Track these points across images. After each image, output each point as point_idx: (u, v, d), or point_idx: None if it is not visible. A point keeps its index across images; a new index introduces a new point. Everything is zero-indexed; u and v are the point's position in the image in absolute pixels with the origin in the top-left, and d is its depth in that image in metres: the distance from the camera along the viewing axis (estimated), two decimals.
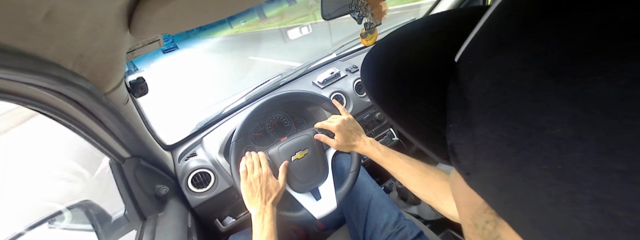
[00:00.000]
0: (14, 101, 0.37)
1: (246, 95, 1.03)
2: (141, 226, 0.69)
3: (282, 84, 1.07)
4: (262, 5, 3.92)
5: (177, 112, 3.94)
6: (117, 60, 0.46)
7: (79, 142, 0.57)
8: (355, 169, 0.73)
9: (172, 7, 0.34)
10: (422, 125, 0.17)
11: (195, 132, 0.95)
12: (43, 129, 4.54)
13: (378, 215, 0.72)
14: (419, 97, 0.18)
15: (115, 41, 0.40)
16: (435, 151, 0.17)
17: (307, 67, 1.13)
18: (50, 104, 0.43)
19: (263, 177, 0.65)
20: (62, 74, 0.33)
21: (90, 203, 0.69)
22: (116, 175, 0.68)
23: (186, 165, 0.85)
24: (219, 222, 0.87)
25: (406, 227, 0.69)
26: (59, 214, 0.64)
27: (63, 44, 0.31)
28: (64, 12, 0.27)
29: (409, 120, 0.18)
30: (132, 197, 0.70)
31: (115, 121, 0.54)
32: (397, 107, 0.18)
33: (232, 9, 0.47)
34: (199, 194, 0.82)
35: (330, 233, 0.85)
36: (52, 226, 0.64)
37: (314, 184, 0.72)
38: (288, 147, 0.72)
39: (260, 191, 0.63)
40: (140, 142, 0.66)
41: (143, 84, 0.63)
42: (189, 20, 0.44)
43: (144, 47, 0.51)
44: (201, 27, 21.05)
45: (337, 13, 0.69)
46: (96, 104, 0.45)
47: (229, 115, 0.97)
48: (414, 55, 0.19)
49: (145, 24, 0.38)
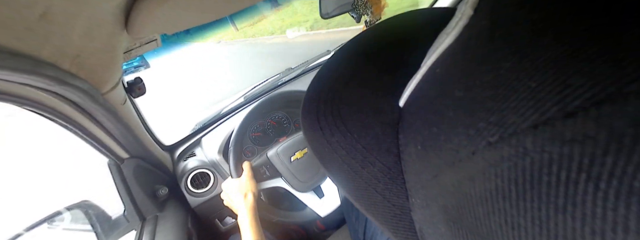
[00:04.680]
0: (10, 102, 0.37)
1: (245, 94, 1.03)
2: (141, 226, 0.69)
3: (281, 84, 1.06)
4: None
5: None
6: (114, 61, 0.46)
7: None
8: None
9: (169, 6, 0.34)
10: (382, 200, 0.14)
11: (193, 133, 0.95)
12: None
13: None
14: (371, 155, 0.14)
15: (112, 41, 0.40)
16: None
17: (306, 66, 1.13)
18: (47, 104, 0.43)
19: (225, 185, 0.68)
20: (58, 74, 0.33)
21: (89, 203, 0.69)
22: (115, 176, 0.68)
23: (185, 165, 0.84)
24: (218, 222, 0.87)
25: None
26: (58, 214, 0.63)
27: (59, 44, 0.31)
28: (60, 12, 0.27)
29: (367, 194, 0.15)
30: (131, 197, 0.70)
31: (113, 122, 0.54)
32: (350, 175, 0.15)
33: (230, 9, 0.46)
34: (199, 195, 0.81)
35: (330, 233, 0.85)
36: (51, 226, 0.64)
37: (316, 182, 0.71)
38: (287, 147, 0.72)
39: (231, 199, 0.65)
40: (138, 143, 0.66)
41: (141, 84, 0.62)
42: (186, 19, 0.43)
43: (141, 47, 0.51)
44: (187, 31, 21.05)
45: (335, 11, 0.69)
46: (93, 104, 0.45)
47: (227, 115, 0.97)
48: (357, 88, 0.16)
49: (142, 23, 0.37)
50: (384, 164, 0.14)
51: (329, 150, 0.16)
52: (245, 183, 0.66)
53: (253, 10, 14.00)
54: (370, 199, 0.15)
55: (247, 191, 0.64)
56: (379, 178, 0.14)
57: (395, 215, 0.14)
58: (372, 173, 0.14)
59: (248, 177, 0.67)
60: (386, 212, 0.14)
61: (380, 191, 0.14)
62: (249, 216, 0.60)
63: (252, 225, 0.59)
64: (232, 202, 0.65)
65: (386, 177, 0.14)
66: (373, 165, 0.14)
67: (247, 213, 0.61)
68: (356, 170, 0.15)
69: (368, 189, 0.15)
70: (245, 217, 0.60)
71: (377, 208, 0.15)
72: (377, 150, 0.14)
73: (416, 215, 0.13)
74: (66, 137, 0.54)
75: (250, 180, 0.67)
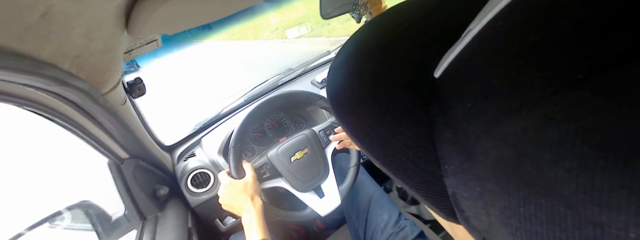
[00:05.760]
0: (11, 102, 0.37)
1: (245, 95, 1.03)
2: (141, 226, 0.69)
3: (280, 84, 1.06)
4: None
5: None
6: (114, 61, 0.46)
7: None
8: (355, 163, 0.74)
9: (170, 7, 0.34)
10: (413, 167, 0.14)
11: (194, 133, 0.95)
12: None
13: (379, 215, 0.72)
14: (400, 125, 0.14)
15: (113, 42, 0.40)
16: (437, 205, 0.14)
17: (306, 67, 1.13)
18: (47, 105, 0.43)
19: (229, 187, 0.65)
20: (58, 74, 0.33)
21: (90, 203, 0.69)
22: (115, 176, 0.68)
23: (185, 165, 0.85)
24: (219, 222, 0.87)
25: (407, 227, 0.69)
26: (58, 214, 0.64)
27: (60, 45, 0.31)
28: (60, 13, 0.27)
29: (397, 161, 0.15)
30: (131, 197, 0.70)
31: (113, 122, 0.54)
32: (378, 142, 0.15)
33: (230, 9, 0.46)
34: (199, 194, 0.82)
35: (330, 233, 0.85)
36: (52, 226, 0.64)
37: (316, 182, 0.72)
38: (287, 148, 0.72)
39: (232, 201, 0.63)
40: (138, 143, 0.66)
41: (140, 85, 0.62)
42: (187, 20, 0.43)
43: (141, 48, 0.51)
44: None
45: (336, 12, 0.69)
46: (94, 104, 0.45)
47: (227, 116, 0.97)
48: (385, 63, 0.16)
49: (142, 24, 0.37)
50: (413, 134, 0.14)
51: (357, 120, 0.16)
52: (252, 185, 0.64)
53: (254, 10, 14.01)
54: (400, 166, 0.15)
55: (253, 193, 0.63)
56: (409, 146, 0.14)
57: (425, 181, 0.14)
58: (402, 141, 0.14)
59: (254, 179, 0.65)
60: (417, 178, 0.14)
61: (411, 158, 0.14)
62: (256, 219, 0.59)
63: (260, 226, 0.58)
64: (233, 204, 0.63)
65: (416, 146, 0.14)
66: (402, 134, 0.14)
67: (255, 215, 0.59)
68: (385, 139, 0.15)
69: (397, 155, 0.15)
70: (253, 219, 0.59)
71: (408, 173, 0.15)
72: (408, 121, 0.14)
73: (449, 181, 0.13)
74: (65, 136, 0.54)
75: (255, 182, 0.65)
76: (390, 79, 0.16)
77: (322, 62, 1.17)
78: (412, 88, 0.15)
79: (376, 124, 0.15)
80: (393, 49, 0.17)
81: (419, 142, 0.14)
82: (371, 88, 0.16)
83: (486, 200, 0.11)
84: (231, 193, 0.63)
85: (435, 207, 0.14)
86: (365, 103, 0.16)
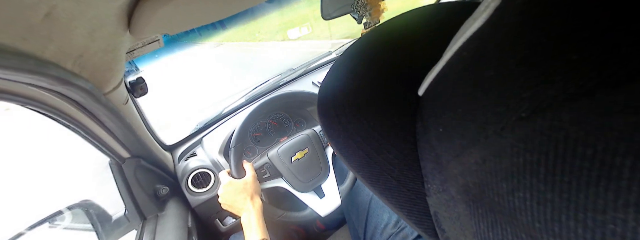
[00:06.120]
0: (14, 101, 0.37)
1: (246, 95, 1.03)
2: (141, 226, 0.69)
3: (281, 84, 1.07)
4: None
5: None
6: (116, 61, 0.46)
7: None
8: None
9: (172, 7, 0.34)
10: (398, 185, 0.14)
11: (195, 132, 0.95)
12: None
13: (379, 215, 0.72)
14: (387, 143, 0.15)
15: (115, 41, 0.40)
16: (419, 225, 0.14)
17: (307, 67, 1.13)
18: (49, 104, 0.43)
19: (228, 187, 0.65)
20: (61, 74, 0.33)
21: (90, 203, 0.69)
22: (116, 176, 0.68)
23: (186, 165, 0.85)
24: (219, 222, 0.87)
25: (407, 227, 0.69)
26: (59, 214, 0.64)
27: (62, 44, 0.31)
28: (63, 13, 0.27)
29: (383, 180, 0.15)
30: (132, 197, 0.70)
31: (115, 121, 0.54)
32: (365, 160, 0.15)
33: (233, 9, 0.47)
34: (199, 194, 0.82)
35: (330, 233, 0.85)
36: (52, 226, 0.64)
37: (316, 182, 0.72)
38: (287, 148, 0.72)
39: (232, 200, 0.63)
40: (140, 142, 0.66)
41: (142, 84, 0.63)
42: (189, 20, 0.44)
43: (143, 47, 0.51)
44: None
45: (337, 13, 0.69)
46: (96, 104, 0.45)
47: (228, 115, 0.97)
48: (373, 75, 0.16)
49: (145, 24, 0.38)
50: (399, 151, 0.15)
51: (345, 136, 0.16)
52: (252, 184, 0.65)
53: (255, 11, 14.04)
54: (385, 184, 0.15)
55: (253, 193, 0.63)
56: (394, 164, 0.15)
57: (409, 199, 0.14)
58: (388, 159, 0.15)
59: (254, 179, 0.66)
60: (400, 197, 0.15)
61: (395, 176, 0.15)
62: (256, 218, 0.59)
63: (259, 226, 0.58)
64: (233, 204, 0.63)
65: (401, 163, 0.14)
66: (388, 151, 0.15)
67: (254, 215, 0.59)
68: (371, 156, 0.15)
69: (383, 173, 0.15)
70: (253, 218, 0.59)
71: (392, 192, 0.15)
72: (394, 138, 0.15)
73: (431, 200, 0.14)
74: (65, 134, 0.54)
75: (255, 182, 0.66)
76: (378, 95, 0.16)
77: (323, 62, 1.17)
78: (398, 105, 0.15)
79: (363, 141, 0.15)
80: (383, 65, 0.17)
81: (404, 160, 0.14)
82: (361, 103, 0.16)
83: (462, 222, 0.12)
84: (231, 192, 0.64)
85: (418, 227, 0.15)
86: (355, 118, 0.16)
